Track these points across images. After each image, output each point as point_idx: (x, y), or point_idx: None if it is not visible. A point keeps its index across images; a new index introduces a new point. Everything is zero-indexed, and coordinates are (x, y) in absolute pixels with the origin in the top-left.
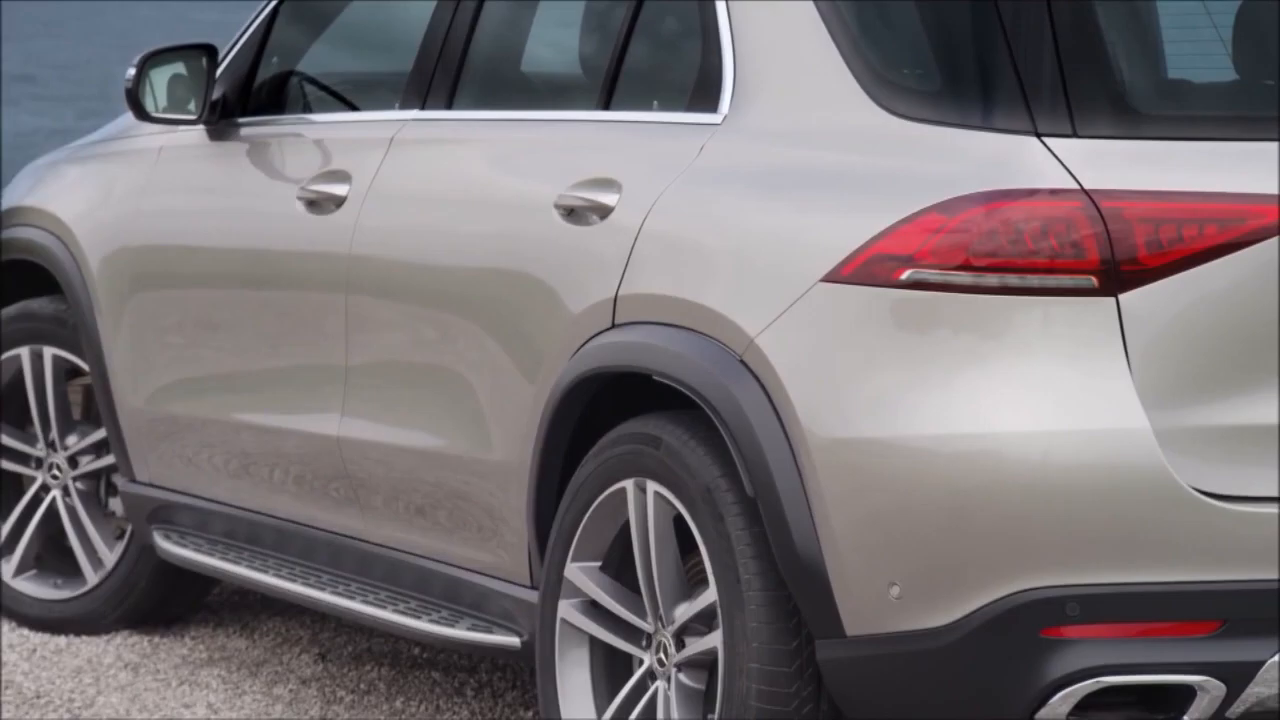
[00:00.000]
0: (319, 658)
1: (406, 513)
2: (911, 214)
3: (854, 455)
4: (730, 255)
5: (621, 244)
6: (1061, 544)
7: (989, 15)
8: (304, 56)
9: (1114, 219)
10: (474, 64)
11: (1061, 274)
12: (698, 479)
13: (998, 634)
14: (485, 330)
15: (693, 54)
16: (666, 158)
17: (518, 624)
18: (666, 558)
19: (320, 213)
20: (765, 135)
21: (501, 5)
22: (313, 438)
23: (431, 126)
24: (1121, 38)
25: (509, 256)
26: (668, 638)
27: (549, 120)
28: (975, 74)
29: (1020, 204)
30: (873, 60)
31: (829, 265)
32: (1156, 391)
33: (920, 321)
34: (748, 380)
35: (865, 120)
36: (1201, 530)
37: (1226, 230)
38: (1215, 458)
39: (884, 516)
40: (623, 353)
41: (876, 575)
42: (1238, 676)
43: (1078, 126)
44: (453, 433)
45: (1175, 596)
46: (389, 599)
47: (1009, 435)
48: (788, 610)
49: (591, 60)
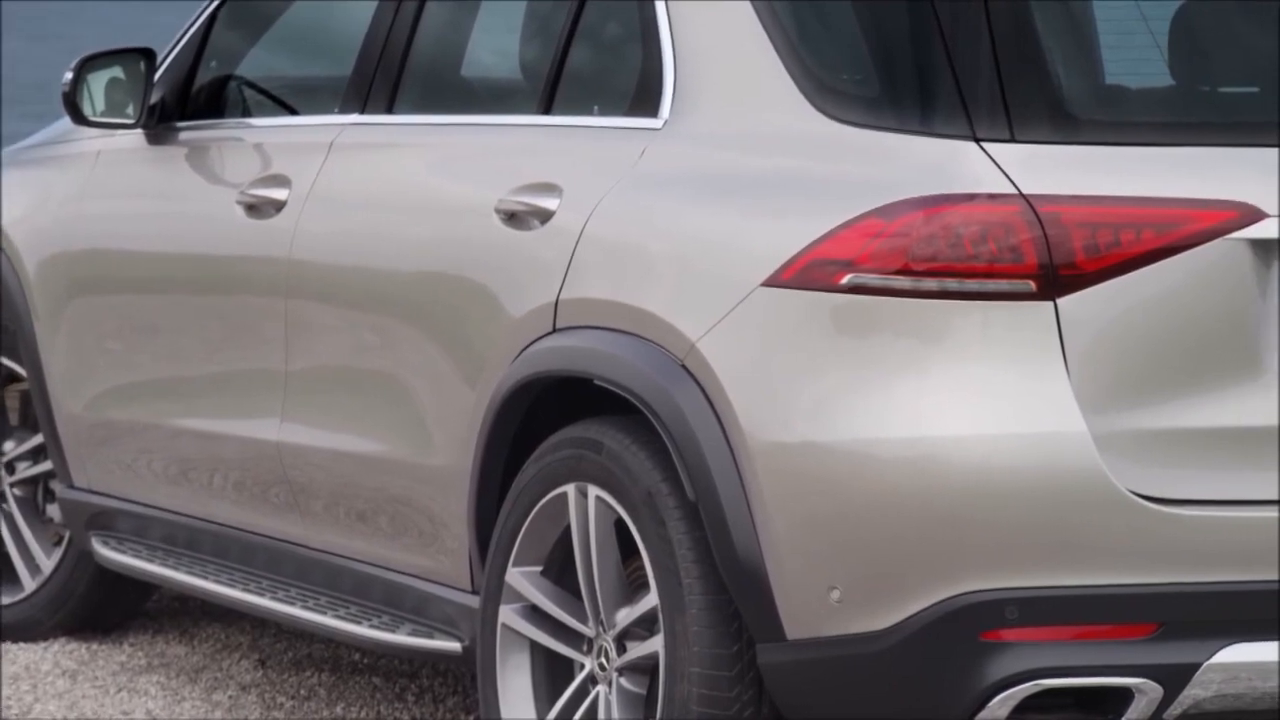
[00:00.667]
0: (259, 664)
1: (347, 518)
2: (851, 219)
3: (794, 459)
4: (671, 260)
5: (562, 248)
6: (1000, 547)
7: (927, 20)
8: (243, 60)
9: (1052, 224)
10: (414, 68)
11: (1000, 278)
12: (639, 483)
13: (937, 637)
14: (426, 335)
15: (633, 59)
16: (607, 162)
17: (459, 629)
18: (608, 562)
19: (260, 217)
20: (705, 140)
21: (442, 9)
22: (252, 443)
23: (371, 131)
24: (1059, 43)
25: (449, 261)
26: (609, 642)
27: (490, 125)
28: (914, 79)
29: (959, 209)
30: (812, 65)
31: (770, 270)
32: (1094, 395)
33: (860, 326)
34: (689, 385)
35: (805, 125)
36: (1138, 533)
37: (1163, 235)
38: (1152, 461)
39: (824, 520)
40: (564, 357)
41: (817, 579)
42: (1175, 679)
43: (1016, 131)
44: (393, 438)
45: (1113, 599)
46: (329, 604)
47: (948, 439)
48: (729, 614)
49: (532, 64)
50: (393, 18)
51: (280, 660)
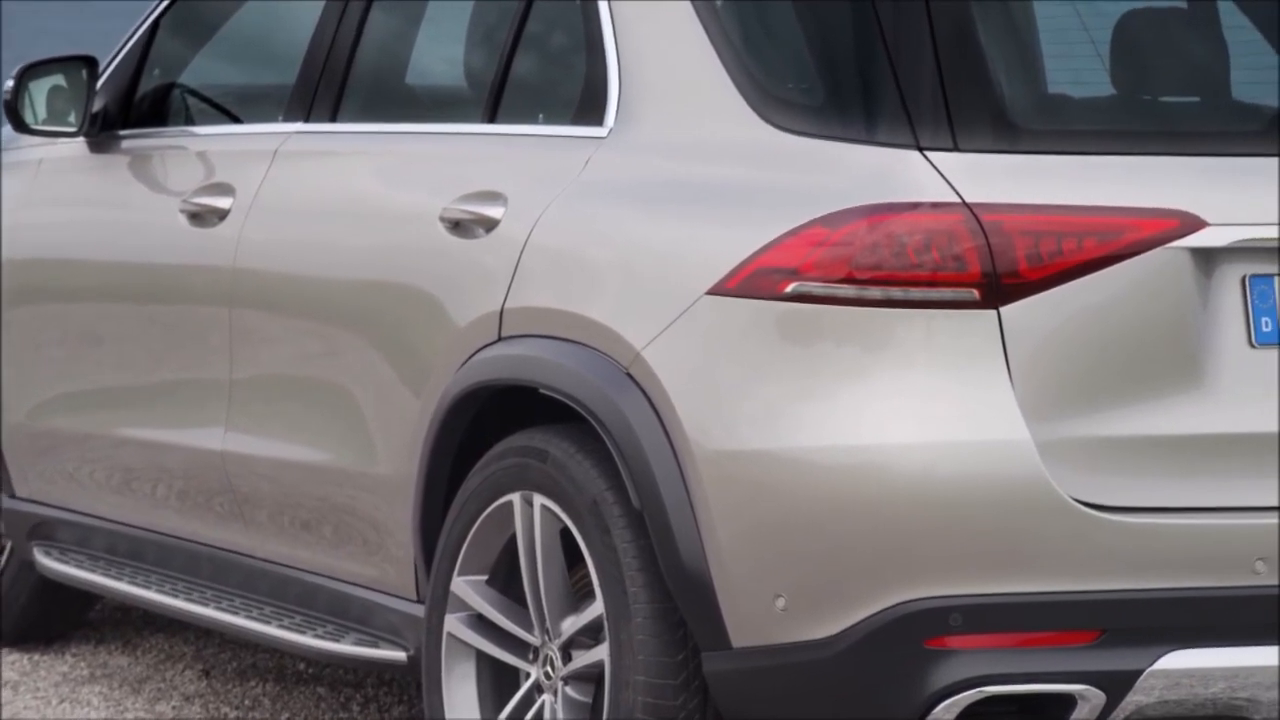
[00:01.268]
0: (203, 674)
1: (292, 527)
2: (795, 227)
3: (739, 467)
4: (616, 268)
5: (507, 257)
6: (944, 555)
7: (871, 30)
8: (186, 68)
9: (995, 232)
10: (358, 77)
11: (943, 287)
12: (584, 492)
13: (882, 645)
14: (370, 343)
15: (578, 68)
16: (552, 171)
17: (404, 638)
18: (553, 571)
19: (203, 226)
20: (650, 149)
21: (386, 18)
22: (196, 452)
23: (315, 139)
24: (1002, 53)
25: (394, 269)
26: (554, 651)
27: (434, 133)
28: (858, 88)
29: (902, 217)
30: (756, 74)
31: (714, 278)
32: (1037, 403)
33: (804, 334)
34: (634, 393)
35: (749, 134)
36: (1081, 541)
37: (1105, 243)
38: (1094, 469)
39: (769, 528)
40: (509, 366)
41: (762, 587)
42: (1117, 685)
43: (959, 140)
44: (338, 446)
45: (1056, 606)
46: (274, 614)
47: (892, 447)
48: (674, 622)
49: (477, 73)
50: (336, 26)
51: (225, 670)
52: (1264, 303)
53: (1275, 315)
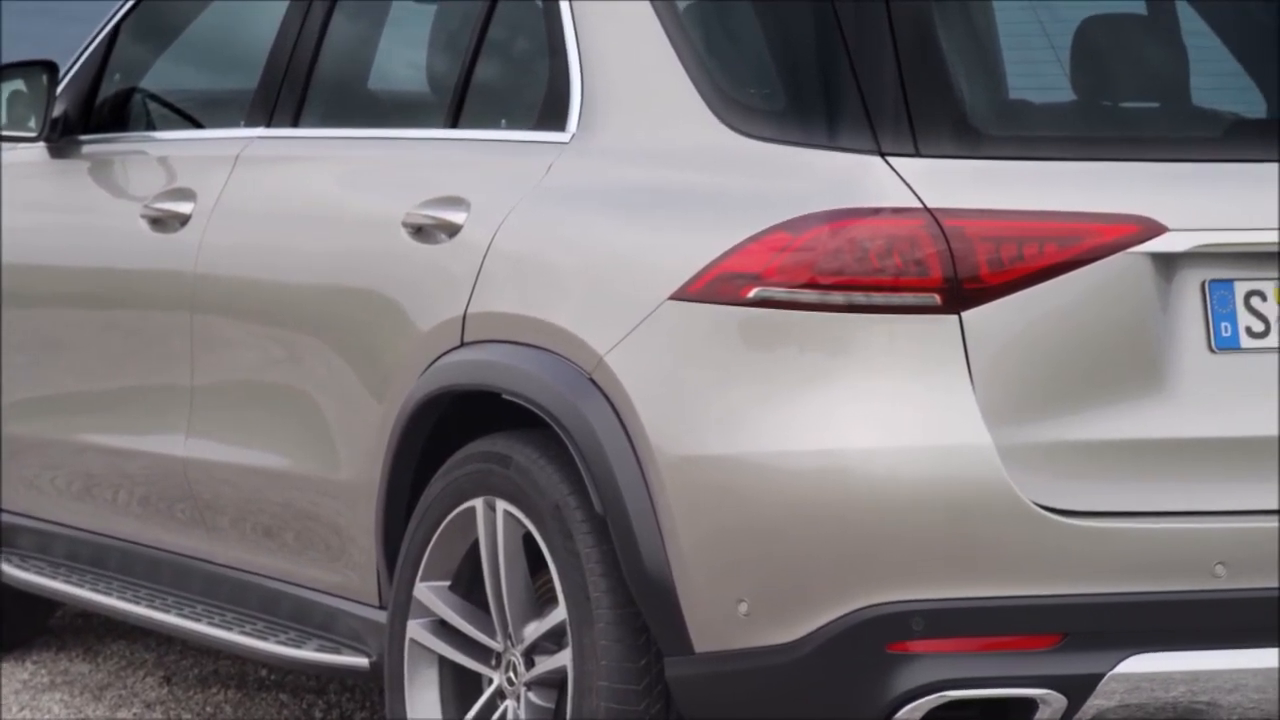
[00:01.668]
0: (164, 681)
1: (254, 533)
2: (758, 232)
3: (702, 472)
4: (579, 274)
5: (470, 262)
6: (906, 560)
7: (832, 36)
8: (147, 73)
9: (956, 237)
10: (320, 81)
11: (905, 292)
12: (547, 497)
13: (844, 649)
14: (333, 349)
15: (540, 73)
16: (515, 176)
17: (366, 644)
18: (516, 576)
19: (164, 231)
20: (613, 154)
21: (348, 23)
22: (158, 458)
23: (277, 144)
24: (963, 59)
25: (356, 275)
26: (517, 656)
27: (396, 138)
28: (820, 94)
29: (865, 222)
30: (719, 80)
31: (677, 283)
32: (999, 408)
33: (767, 339)
34: (596, 398)
35: (712, 139)
36: (1043, 545)
37: (1066, 248)
38: (1056, 473)
39: (731, 533)
40: (471, 371)
41: (724, 592)
42: (1078, 689)
43: (920, 146)
44: (300, 452)
45: (1017, 610)
46: (235, 620)
47: (854, 452)
48: (637, 628)
49: (439, 78)
50: (299, 31)
51: (186, 677)
52: (1223, 307)
53: (1235, 320)
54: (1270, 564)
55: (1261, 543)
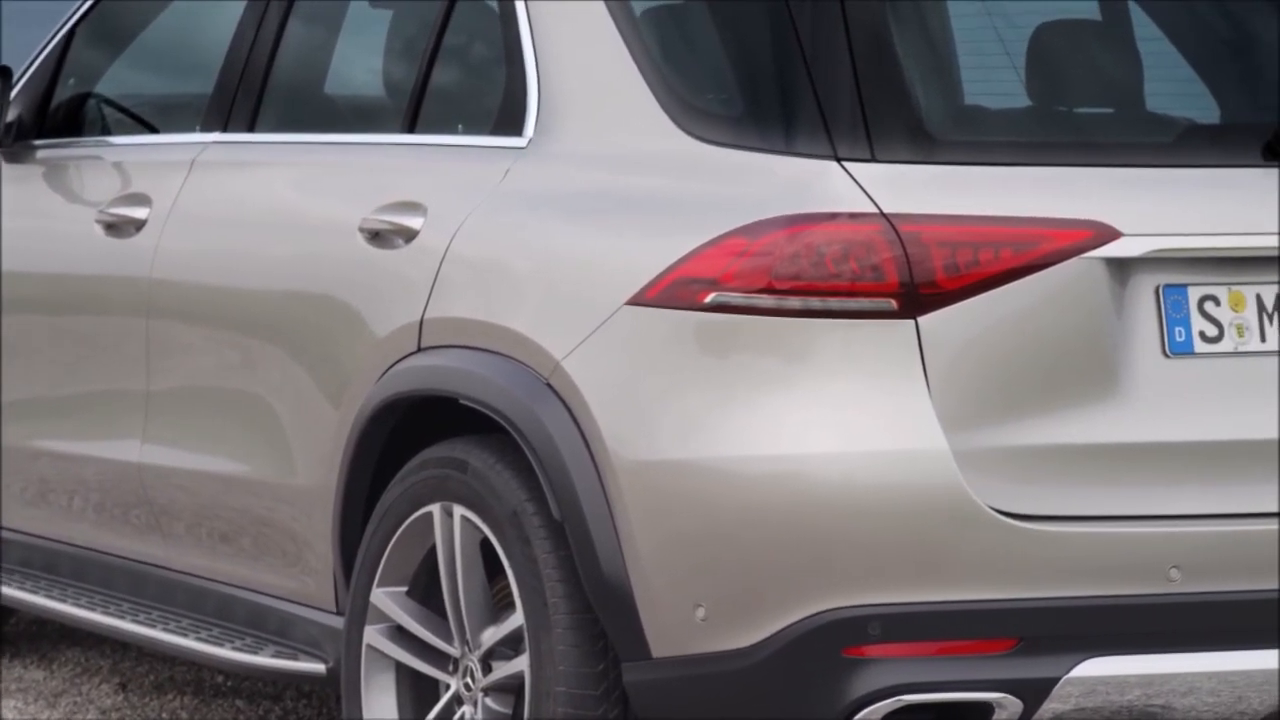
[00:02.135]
0: (120, 688)
1: (210, 539)
2: (715, 237)
3: (659, 477)
4: (536, 279)
5: (427, 267)
6: (863, 564)
7: (789, 42)
8: (103, 78)
9: (912, 242)
10: (276, 86)
11: (861, 297)
12: (504, 503)
13: (801, 654)
14: (289, 354)
15: (497, 78)
16: (472, 181)
17: (323, 650)
18: (473, 582)
19: (120, 236)
20: (570, 159)
21: (304, 27)
22: (112, 464)
23: (233, 149)
24: (919, 65)
25: (313, 280)
26: (474, 662)
27: (353, 143)
28: (776, 99)
29: (821, 227)
30: (676, 85)
31: (634, 288)
32: (955, 413)
33: (724, 344)
34: (554, 403)
35: (669, 145)
36: (999, 549)
37: (1021, 254)
38: (1011, 478)
39: (689, 538)
40: (428, 376)
41: (682, 597)
42: (1034, 693)
43: (876, 151)
44: (257, 458)
45: (973, 615)
46: (191, 626)
47: (811, 457)
48: (594, 633)
49: (396, 83)
50: (254, 35)
51: (142, 684)
52: (1177, 312)
53: (1189, 325)
54: (1224, 567)
55: (1215, 546)
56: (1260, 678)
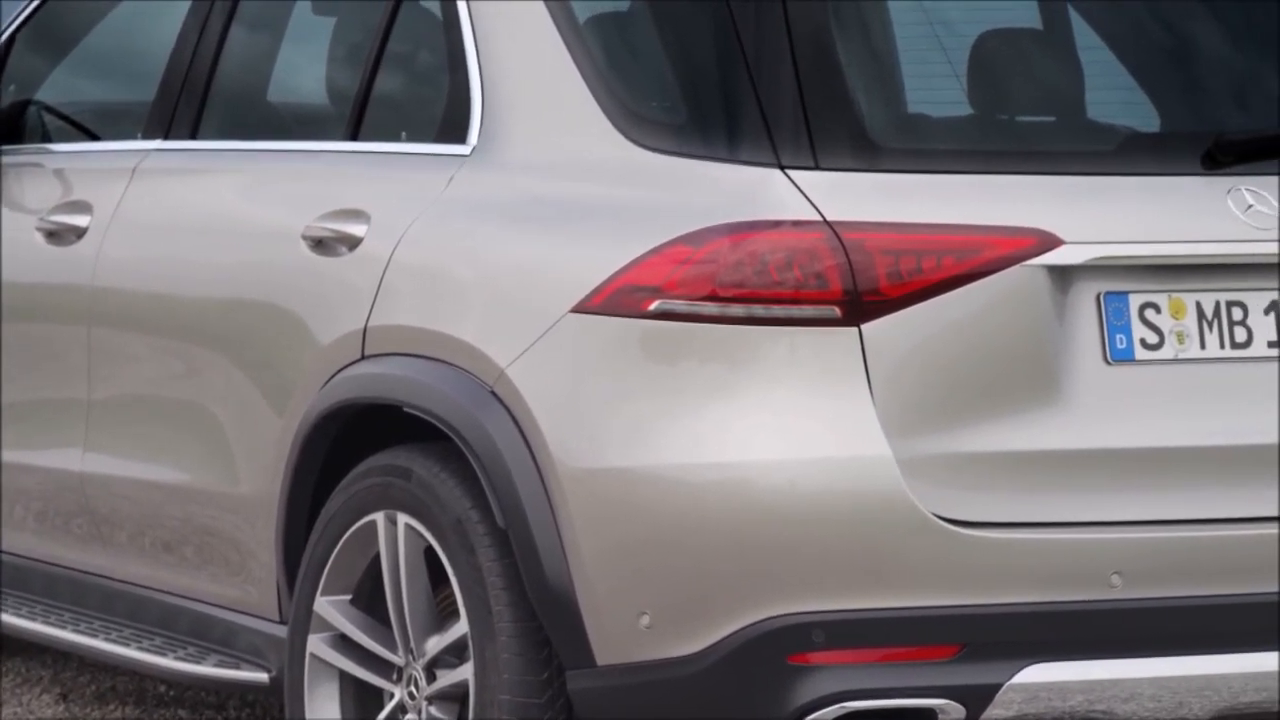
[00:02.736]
0: (61, 698)
1: (152, 548)
2: (659, 245)
3: (604, 485)
4: (480, 286)
5: (371, 275)
6: (807, 571)
7: (732, 49)
8: (43, 85)
9: (856, 250)
10: (219, 94)
11: (805, 304)
12: (449, 511)
13: (745, 661)
14: (232, 362)
15: (441, 85)
16: (415, 189)
17: (266, 659)
18: (417, 590)
19: (60, 244)
20: (514, 167)
21: (246, 34)
22: (54, 473)
23: (175, 157)
24: (862, 73)
25: (256, 288)
26: (419, 671)
27: (296, 151)
28: (720, 107)
29: (765, 235)
30: (620, 93)
31: (578, 296)
32: (898, 420)
33: (669, 352)
34: (498, 411)
35: (612, 152)
36: (942, 556)
37: (964, 261)
38: (955, 484)
39: (633, 546)
40: (372, 384)
41: (626, 605)
42: (976, 699)
43: (820, 159)
44: (199, 466)
45: (917, 621)
46: (133, 636)
47: (755, 464)
48: (539, 641)
49: (339, 91)
50: (196, 42)
51: (83, 694)
52: (1118, 320)
53: (1130, 332)
54: (1165, 573)
55: (1157, 553)
56: (1200, 683)
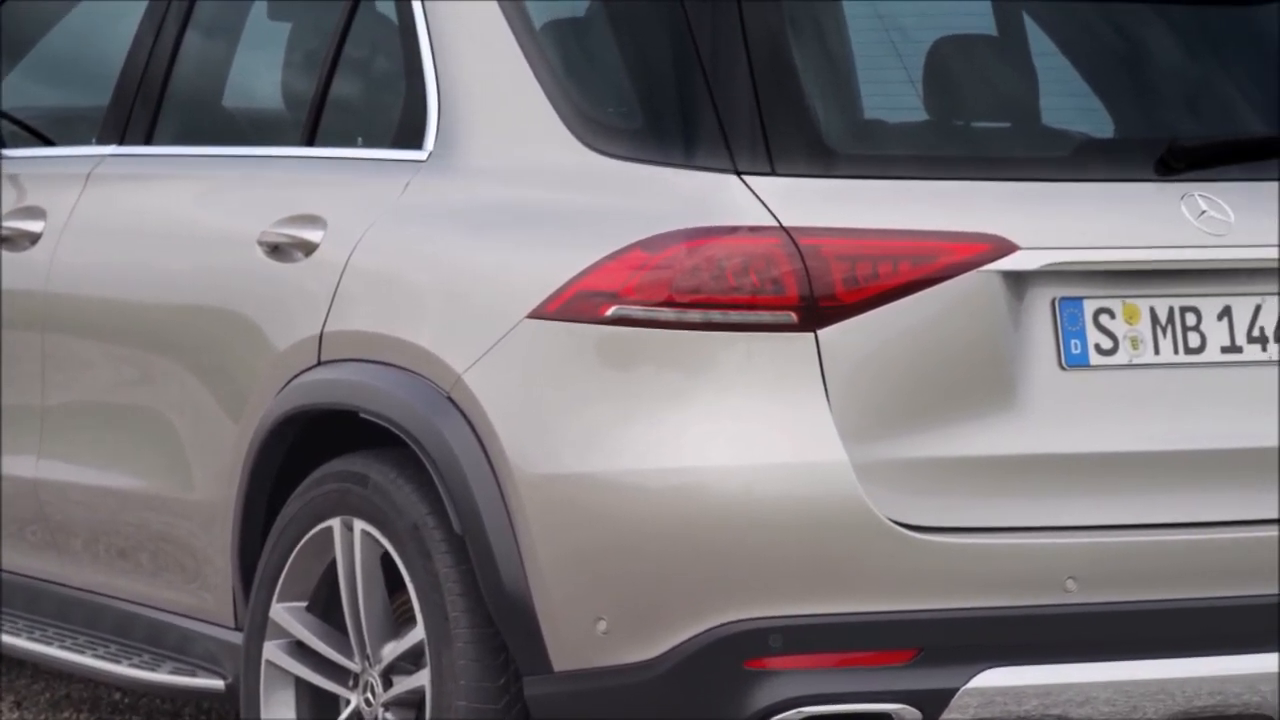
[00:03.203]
0: (15, 705)
1: (107, 555)
2: (615, 251)
3: (560, 491)
4: (436, 292)
5: (327, 281)
6: (763, 577)
7: (688, 56)
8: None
9: (812, 256)
10: (174, 98)
11: (762, 310)
12: (405, 517)
13: (703, 666)
14: (187, 368)
15: (397, 91)
16: (371, 194)
17: (222, 666)
18: (374, 596)
19: (14, 250)
20: (470, 172)
21: (202, 39)
22: (8, 480)
23: (130, 162)
24: (818, 79)
25: (211, 293)
26: (375, 677)
27: (252, 156)
28: (677, 113)
29: (721, 241)
30: (577, 98)
31: (535, 302)
32: (855, 425)
33: (625, 357)
34: (455, 417)
35: (570, 158)
36: (898, 561)
37: (920, 267)
38: (911, 489)
39: (590, 551)
40: (328, 390)
41: (583, 610)
42: (932, 704)
43: (776, 165)
44: (155, 473)
45: (873, 626)
46: (88, 644)
47: (711, 469)
48: (495, 647)
49: (295, 96)
50: (151, 47)
51: (37, 701)
52: (1073, 325)
53: (1084, 338)
54: (1120, 578)
55: (1111, 557)
56: (1155, 687)
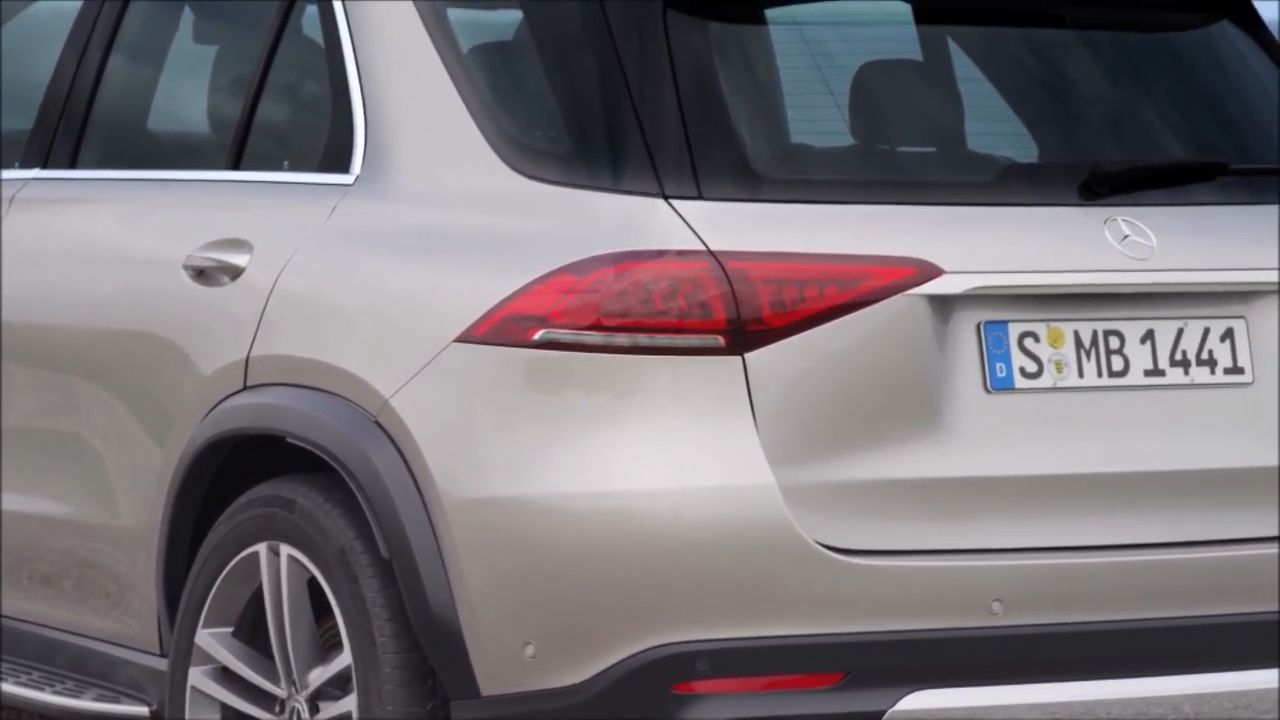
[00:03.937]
0: None
1: (30, 582)
2: (543, 274)
3: (488, 515)
4: (364, 316)
5: (253, 305)
6: (691, 600)
7: (616, 80)
8: None
9: (739, 279)
10: (98, 122)
11: (689, 333)
12: (332, 541)
13: (630, 690)
14: (112, 393)
15: (324, 114)
16: (298, 218)
17: (147, 693)
18: (300, 622)
19: None
20: (397, 196)
21: (127, 62)
22: None
23: (54, 186)
24: (745, 104)
25: (136, 318)
26: (301, 703)
27: (177, 180)
28: (604, 137)
29: (649, 265)
30: (504, 123)
31: (462, 325)
32: (782, 448)
33: (553, 381)
34: (382, 441)
35: (497, 182)
36: (825, 584)
37: (846, 290)
38: (838, 513)
39: (518, 575)
40: (255, 415)
41: (511, 634)
42: None
43: (703, 189)
44: (79, 499)
45: (800, 649)
46: (10, 671)
47: (639, 493)
48: (423, 672)
49: (221, 119)
50: (75, 70)
51: None
52: (998, 348)
53: (1009, 360)
54: (1045, 600)
55: (1037, 579)
56: (1080, 709)
